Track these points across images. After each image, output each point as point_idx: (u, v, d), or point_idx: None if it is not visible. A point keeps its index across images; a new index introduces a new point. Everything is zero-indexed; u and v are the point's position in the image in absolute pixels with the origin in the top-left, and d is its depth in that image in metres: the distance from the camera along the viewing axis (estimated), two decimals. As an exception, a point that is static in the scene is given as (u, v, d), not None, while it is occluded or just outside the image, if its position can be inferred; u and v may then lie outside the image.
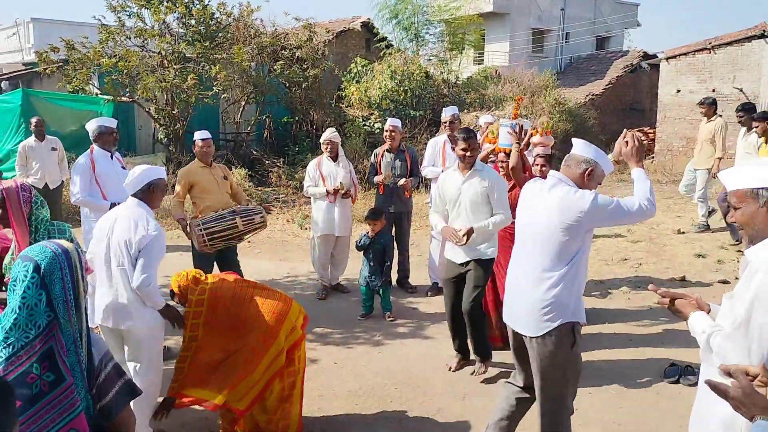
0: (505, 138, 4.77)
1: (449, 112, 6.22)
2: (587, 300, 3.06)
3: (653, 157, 15.08)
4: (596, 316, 5.43)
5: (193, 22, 11.73)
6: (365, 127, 13.06)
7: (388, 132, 6.19)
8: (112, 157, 5.18)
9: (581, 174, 2.89)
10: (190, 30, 11.74)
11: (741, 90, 14.47)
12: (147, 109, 11.84)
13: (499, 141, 4.89)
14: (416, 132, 12.76)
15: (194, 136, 5.40)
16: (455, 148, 4.34)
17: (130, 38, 11.58)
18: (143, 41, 11.62)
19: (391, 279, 5.96)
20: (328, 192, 5.91)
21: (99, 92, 11.95)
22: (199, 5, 11.69)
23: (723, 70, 14.87)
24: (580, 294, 2.94)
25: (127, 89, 11.36)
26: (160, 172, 3.51)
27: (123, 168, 5.28)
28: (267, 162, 12.21)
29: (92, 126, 5.15)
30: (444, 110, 6.33)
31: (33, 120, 7.81)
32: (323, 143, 6.06)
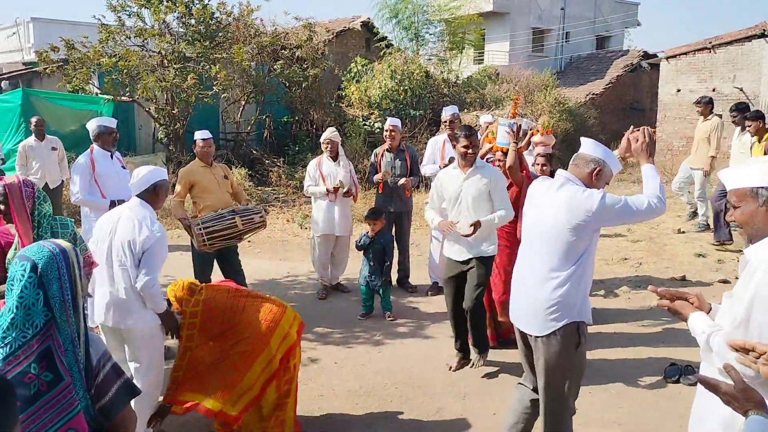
0: (503, 137, 4.79)
1: (449, 112, 6.22)
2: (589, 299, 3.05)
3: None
4: (596, 316, 5.40)
5: (193, 22, 11.72)
6: (365, 127, 13.06)
7: (388, 132, 6.19)
8: (112, 157, 5.19)
9: (589, 173, 2.87)
10: (190, 29, 11.73)
11: (741, 89, 14.46)
12: (147, 109, 11.83)
13: (497, 140, 4.90)
14: (416, 132, 12.76)
15: (195, 136, 5.40)
16: (456, 146, 4.35)
17: (130, 38, 11.57)
18: (143, 41, 11.61)
19: (391, 279, 5.96)
20: (328, 191, 5.91)
21: (99, 92, 11.94)
22: (199, 5, 11.67)
23: (723, 70, 14.86)
24: (587, 294, 2.93)
25: (127, 89, 11.35)
26: (164, 173, 3.52)
27: (123, 168, 5.29)
28: (267, 161, 12.20)
29: (92, 126, 5.18)
30: (444, 110, 6.33)
31: (33, 120, 7.81)
32: (323, 143, 6.06)
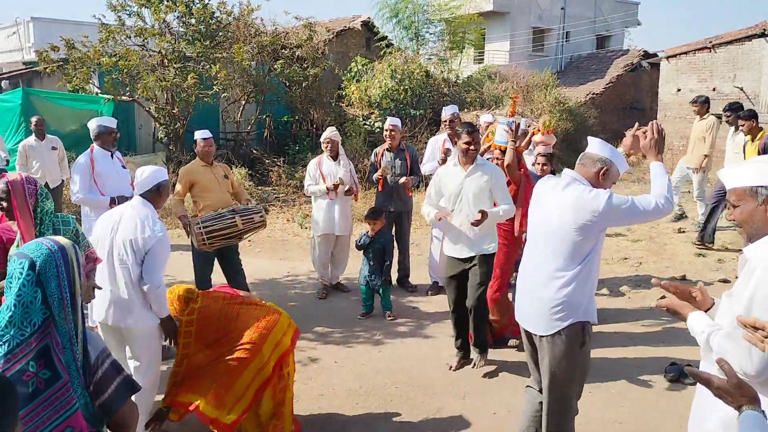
0: (501, 135, 4.80)
1: (449, 111, 6.22)
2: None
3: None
4: (597, 315, 5.40)
5: (194, 21, 11.71)
6: (365, 126, 13.05)
7: (388, 131, 6.18)
8: (113, 156, 5.19)
9: (596, 173, 2.84)
10: (190, 29, 11.72)
11: (741, 89, 14.46)
12: (147, 108, 11.83)
13: (495, 138, 4.91)
14: (416, 131, 12.75)
15: (195, 136, 5.40)
16: (458, 142, 4.35)
17: (131, 37, 11.56)
18: (143, 40, 11.60)
19: (391, 278, 5.96)
20: (329, 189, 5.91)
21: (99, 91, 11.94)
22: (199, 4, 11.66)
23: (723, 69, 14.86)
24: (592, 294, 2.91)
25: (128, 88, 11.33)
26: (166, 173, 3.54)
27: (123, 167, 5.29)
28: (267, 161, 12.19)
29: (92, 125, 5.20)
30: (444, 109, 6.33)
31: (33, 119, 7.81)
32: (323, 142, 6.05)
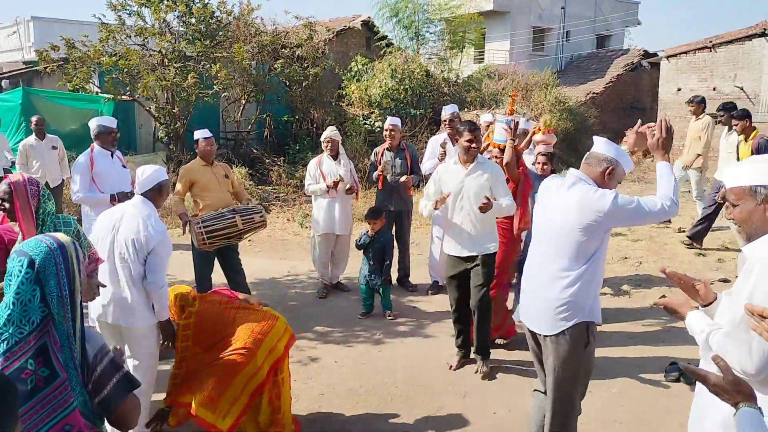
0: (500, 134, 4.80)
1: (449, 111, 6.22)
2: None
3: (653, 156, 15.08)
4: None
5: (194, 21, 11.71)
6: (365, 126, 13.05)
7: (388, 131, 6.18)
8: (113, 156, 5.20)
9: (602, 172, 2.82)
10: (191, 28, 11.72)
11: (742, 88, 14.46)
12: (147, 108, 11.83)
13: (494, 136, 4.92)
14: (416, 131, 12.75)
15: (195, 135, 5.38)
16: (460, 140, 4.34)
17: (131, 37, 11.56)
18: (143, 40, 11.60)
19: (391, 278, 5.96)
20: (329, 186, 5.90)
21: (99, 91, 11.94)
22: (200, 4, 11.66)
23: (724, 69, 14.87)
24: (597, 294, 2.89)
25: (128, 88, 11.33)
26: (166, 173, 3.56)
27: (123, 167, 5.29)
28: (267, 161, 12.19)
29: (92, 125, 5.23)
30: (444, 109, 6.33)
31: (33, 119, 7.81)
32: (324, 141, 6.05)
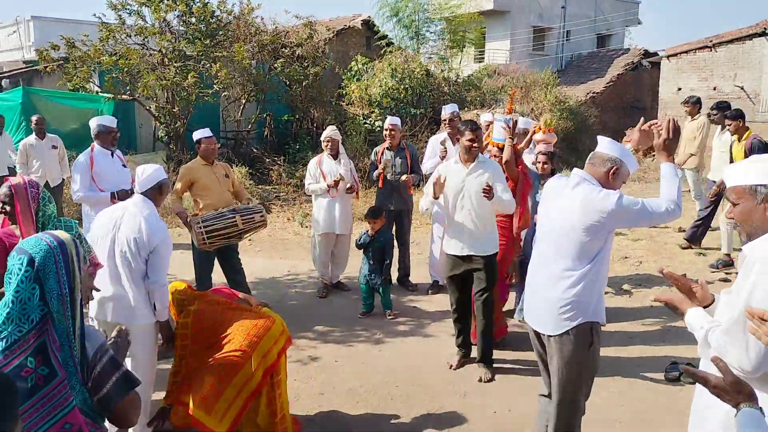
0: (499, 132, 4.81)
1: (449, 110, 6.21)
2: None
3: (654, 156, 15.09)
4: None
5: (194, 20, 11.71)
6: (366, 125, 13.05)
7: (388, 131, 6.18)
8: (113, 155, 5.20)
9: (606, 172, 2.80)
10: (191, 28, 11.73)
11: (742, 88, 14.46)
12: (147, 107, 11.83)
13: (493, 135, 4.93)
14: (417, 130, 12.75)
15: (196, 135, 5.32)
16: (461, 139, 4.34)
17: (131, 36, 11.56)
18: (144, 39, 11.60)
19: (391, 277, 5.96)
20: (329, 186, 5.90)
21: (99, 90, 11.94)
22: (200, 3, 11.66)
23: (724, 68, 14.87)
24: (601, 294, 2.88)
25: (128, 87, 11.33)
26: (165, 172, 3.57)
27: (124, 166, 5.29)
28: (267, 160, 12.20)
29: (93, 124, 5.24)
30: (444, 108, 6.33)
31: (33, 118, 7.81)
32: (324, 141, 6.05)
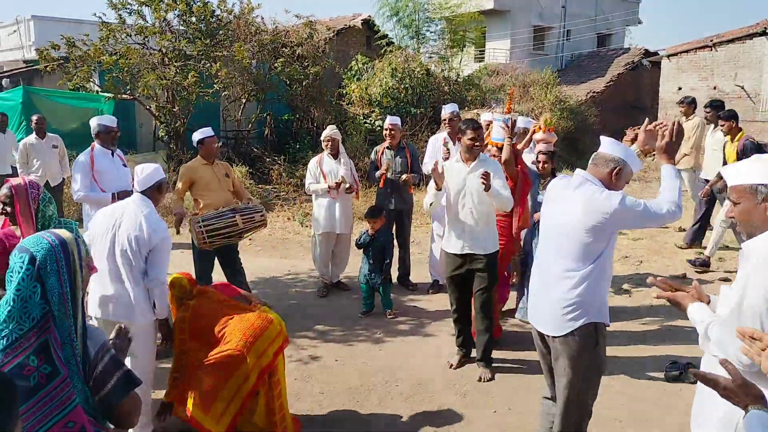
0: (498, 132, 4.81)
1: (449, 110, 6.21)
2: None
3: (654, 155, 15.08)
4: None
5: (194, 20, 11.71)
6: (366, 125, 13.05)
7: (388, 130, 6.18)
8: (113, 155, 5.20)
9: (609, 173, 2.79)
10: (191, 27, 11.73)
11: (742, 87, 14.46)
12: (148, 107, 11.83)
13: (492, 135, 4.93)
14: (417, 130, 12.75)
15: (197, 135, 5.25)
16: (462, 138, 4.33)
17: (131, 36, 11.56)
18: (144, 39, 11.61)
19: (391, 277, 5.96)
20: (330, 187, 5.91)
21: (100, 90, 11.95)
22: (200, 3, 11.66)
23: (724, 68, 14.86)
24: (605, 294, 2.87)
25: (128, 87, 11.34)
26: (163, 172, 3.59)
27: (124, 165, 5.29)
28: (268, 159, 12.20)
29: (93, 123, 5.24)
30: (444, 108, 6.32)
31: (34, 117, 7.81)
32: (324, 140, 6.05)
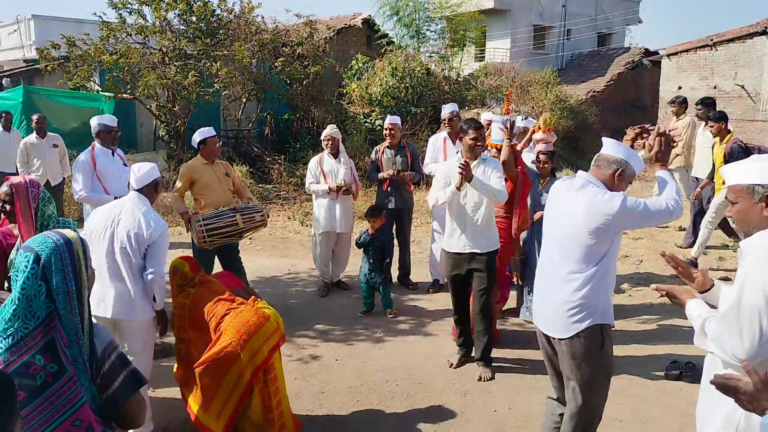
0: (497, 134, 4.81)
1: (448, 110, 6.20)
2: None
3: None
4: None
5: (194, 19, 11.72)
6: (366, 124, 13.06)
7: (388, 130, 6.18)
8: (114, 154, 5.21)
9: (611, 174, 2.79)
10: (191, 27, 11.74)
11: (743, 87, 14.44)
12: (148, 106, 11.84)
13: (492, 137, 4.93)
14: (417, 129, 12.75)
15: (199, 135, 5.18)
16: (464, 138, 4.32)
17: (131, 35, 11.57)
18: (144, 38, 11.61)
19: (391, 276, 5.96)
20: (330, 189, 5.92)
21: (100, 89, 11.95)
22: (200, 2, 11.67)
23: (724, 67, 14.85)
24: (609, 296, 2.87)
25: (128, 86, 11.35)
26: (158, 171, 3.62)
27: (125, 165, 5.29)
28: (268, 159, 12.20)
29: (93, 123, 5.26)
30: (443, 107, 6.31)
31: (34, 117, 7.81)
32: (324, 140, 6.05)
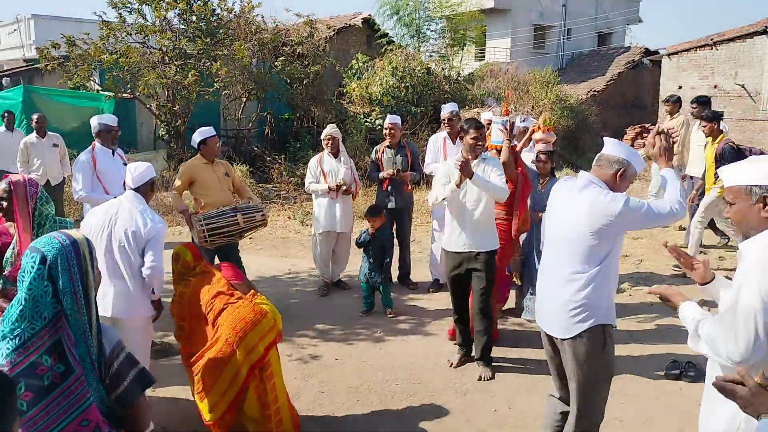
0: (497, 135, 4.80)
1: (448, 109, 6.19)
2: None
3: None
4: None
5: (194, 19, 11.72)
6: (366, 124, 13.05)
7: (388, 129, 6.18)
8: (114, 154, 5.21)
9: (613, 174, 2.80)
10: (191, 26, 11.73)
11: (743, 86, 14.43)
12: (148, 106, 11.84)
13: (491, 138, 4.92)
14: (417, 128, 12.75)
15: (199, 135, 5.18)
16: (465, 138, 4.32)
17: (131, 34, 11.58)
18: (144, 37, 11.61)
19: (391, 275, 5.96)
20: (330, 188, 5.92)
21: (100, 89, 11.96)
22: (200, 1, 11.67)
23: (725, 67, 14.84)
24: (611, 296, 2.87)
25: (128, 86, 11.35)
26: (154, 170, 3.67)
27: (125, 165, 5.29)
28: (268, 158, 12.20)
29: (93, 122, 5.26)
30: (443, 107, 6.30)
31: (34, 116, 7.81)
32: (324, 139, 6.05)
